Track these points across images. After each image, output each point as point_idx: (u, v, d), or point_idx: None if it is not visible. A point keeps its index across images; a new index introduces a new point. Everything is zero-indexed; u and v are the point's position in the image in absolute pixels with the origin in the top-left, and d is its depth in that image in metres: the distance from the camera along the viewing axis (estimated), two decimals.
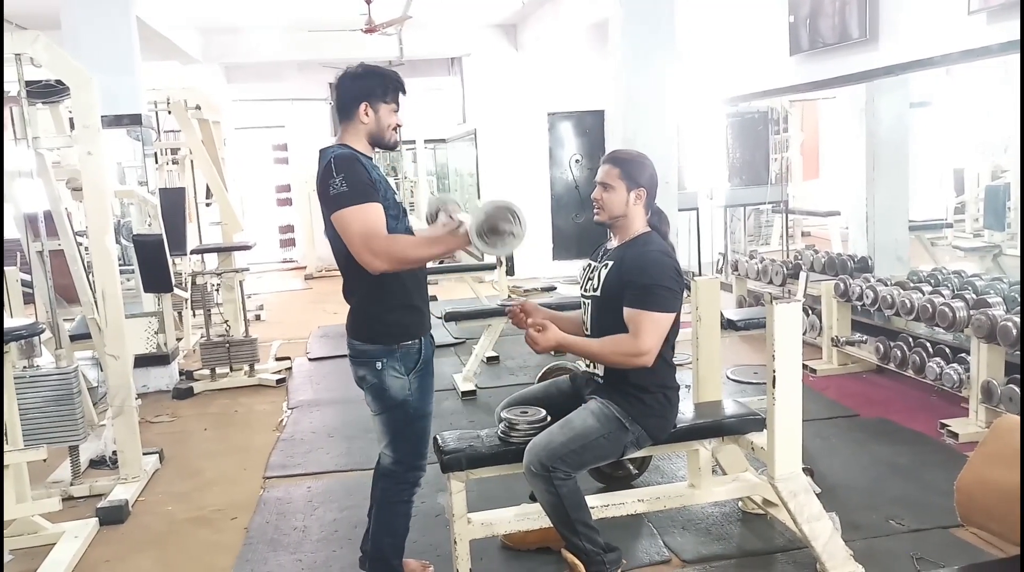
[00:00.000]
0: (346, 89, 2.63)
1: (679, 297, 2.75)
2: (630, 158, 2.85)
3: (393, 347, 2.62)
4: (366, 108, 2.60)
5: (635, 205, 2.80)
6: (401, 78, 2.70)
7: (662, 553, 3.11)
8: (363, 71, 2.64)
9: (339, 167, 2.48)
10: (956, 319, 4.26)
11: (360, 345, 2.67)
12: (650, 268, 2.70)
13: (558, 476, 2.62)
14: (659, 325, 2.68)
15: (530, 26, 9.86)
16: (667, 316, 2.70)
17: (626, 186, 2.77)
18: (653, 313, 2.67)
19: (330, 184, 2.47)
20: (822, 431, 4.27)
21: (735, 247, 8.57)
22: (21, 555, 3.34)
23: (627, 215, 2.80)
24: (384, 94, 2.62)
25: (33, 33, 3.66)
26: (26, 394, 3.53)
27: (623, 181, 2.77)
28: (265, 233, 11.60)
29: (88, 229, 3.98)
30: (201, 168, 7.54)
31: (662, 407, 2.82)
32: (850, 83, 5.45)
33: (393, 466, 2.77)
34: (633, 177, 2.78)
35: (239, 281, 6.18)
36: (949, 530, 3.12)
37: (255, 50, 9.99)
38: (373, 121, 2.61)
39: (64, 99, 4.32)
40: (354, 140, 2.62)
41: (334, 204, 2.48)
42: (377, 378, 2.64)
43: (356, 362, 2.70)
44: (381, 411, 2.71)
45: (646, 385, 2.78)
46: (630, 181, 2.78)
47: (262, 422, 5.05)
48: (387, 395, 2.66)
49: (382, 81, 2.63)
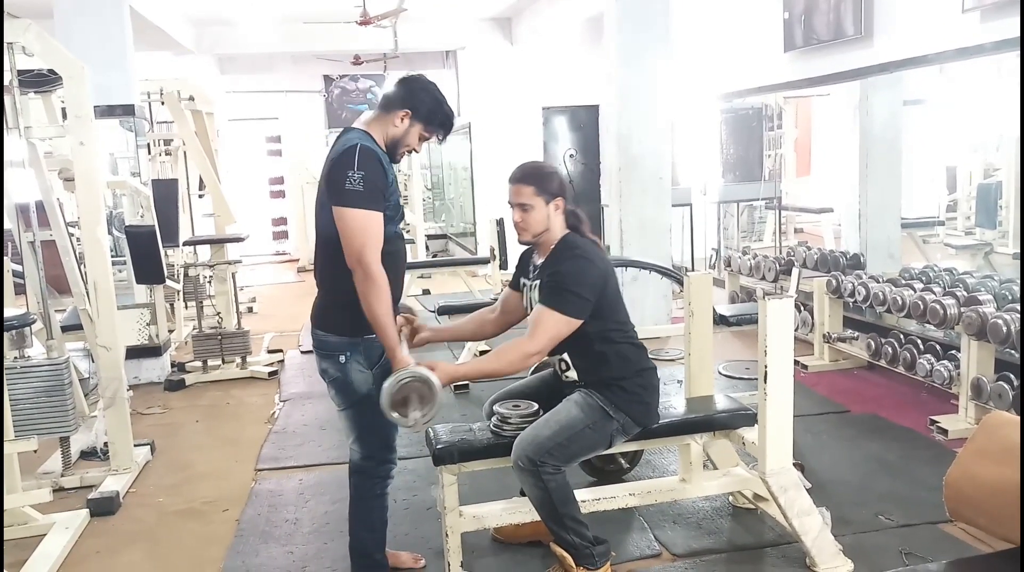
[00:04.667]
0: (408, 90, 2.61)
1: (586, 307, 2.68)
2: (538, 171, 2.83)
3: (357, 340, 2.58)
4: (405, 116, 2.58)
5: (556, 215, 2.79)
6: (453, 121, 2.69)
7: (653, 547, 3.12)
8: (435, 89, 2.63)
9: (362, 162, 2.44)
10: (947, 316, 4.28)
11: (324, 335, 2.63)
12: (568, 272, 2.68)
13: (546, 470, 2.63)
14: (556, 327, 2.65)
15: (525, 20, 9.84)
16: (568, 320, 2.66)
17: (544, 200, 2.76)
18: (555, 313, 2.65)
19: (348, 176, 2.43)
20: (813, 427, 4.29)
21: (728, 243, 8.58)
22: (11, 546, 3.32)
23: (549, 228, 2.79)
24: (428, 119, 2.61)
25: (25, 22, 3.64)
26: (17, 385, 3.52)
27: (539, 197, 2.75)
28: (258, 225, 11.58)
29: (80, 220, 3.96)
30: (194, 159, 7.51)
31: (644, 391, 2.83)
32: (844, 80, 5.46)
33: (363, 461, 2.76)
34: (547, 189, 2.76)
35: (232, 273, 6.17)
36: (938, 525, 3.14)
37: (249, 41, 9.95)
38: (402, 131, 2.60)
39: (56, 89, 4.29)
40: (378, 132, 2.60)
41: (344, 198, 2.45)
42: (340, 372, 2.62)
43: (320, 354, 2.67)
44: (346, 406, 2.69)
45: (623, 373, 2.79)
46: (546, 194, 2.76)
47: (254, 414, 5.05)
48: (351, 389, 2.63)
49: (440, 110, 2.62)
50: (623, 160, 6.31)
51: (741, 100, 7.98)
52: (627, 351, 2.82)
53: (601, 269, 2.75)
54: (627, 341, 2.84)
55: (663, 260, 6.17)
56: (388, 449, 2.76)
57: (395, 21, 8.08)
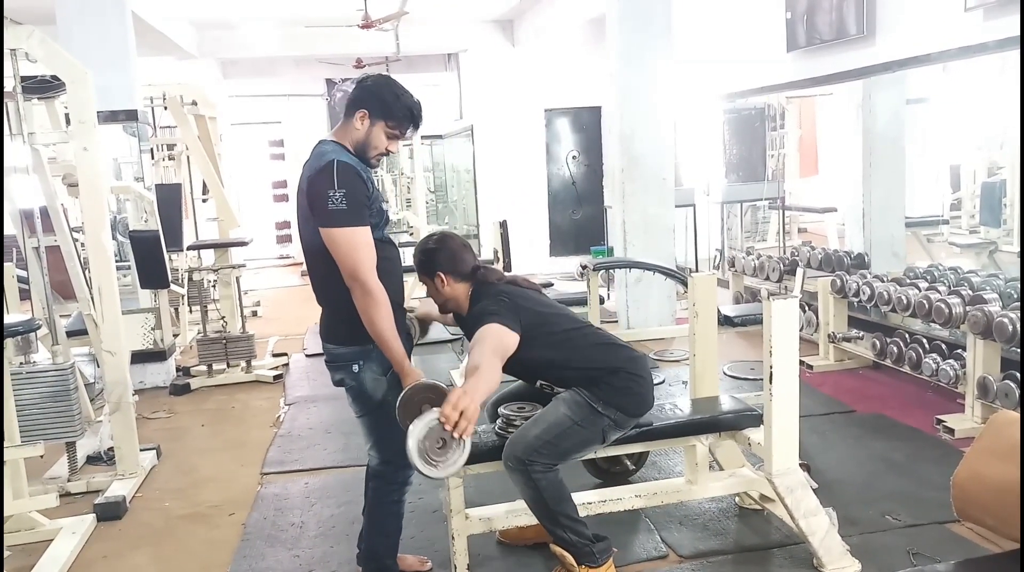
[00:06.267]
0: (365, 91, 2.60)
1: (503, 309, 2.71)
2: (418, 257, 2.88)
3: (369, 347, 2.56)
4: (363, 117, 2.56)
5: (448, 287, 2.83)
6: (418, 111, 2.63)
7: (659, 548, 3.11)
8: (391, 85, 2.61)
9: (341, 179, 2.42)
10: (952, 315, 4.27)
11: (335, 349, 2.64)
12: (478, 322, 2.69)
13: (536, 469, 2.63)
14: (486, 337, 2.62)
15: (527, 22, 9.84)
16: (494, 326, 2.64)
17: (429, 279, 2.85)
18: (484, 327, 2.64)
19: (330, 196, 2.41)
20: (819, 427, 4.28)
21: (732, 243, 8.57)
22: (18, 551, 3.33)
23: (451, 297, 2.86)
24: (387, 114, 2.57)
25: (28, 28, 3.65)
26: (23, 390, 3.53)
27: (426, 277, 2.86)
28: (261, 229, 11.60)
29: (84, 225, 3.97)
30: (197, 164, 7.53)
31: (631, 380, 2.82)
32: (847, 79, 5.46)
33: (380, 467, 2.77)
34: (427, 269, 2.84)
35: (236, 277, 6.17)
36: (945, 525, 3.13)
37: (251, 45, 9.96)
38: (364, 132, 2.57)
39: (60, 94, 4.30)
40: (347, 140, 2.60)
41: (330, 219, 2.43)
42: (355, 381, 2.62)
43: (333, 367, 2.68)
44: (363, 413, 2.70)
45: (601, 368, 2.80)
46: (428, 274, 2.84)
47: (259, 418, 5.05)
48: (367, 396, 2.64)
49: (399, 104, 2.57)
50: (626, 161, 6.31)
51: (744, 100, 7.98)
52: (596, 352, 2.84)
53: (507, 302, 2.75)
54: (596, 342, 2.87)
55: (667, 261, 6.16)
56: (406, 455, 2.75)
57: (397, 24, 8.09)
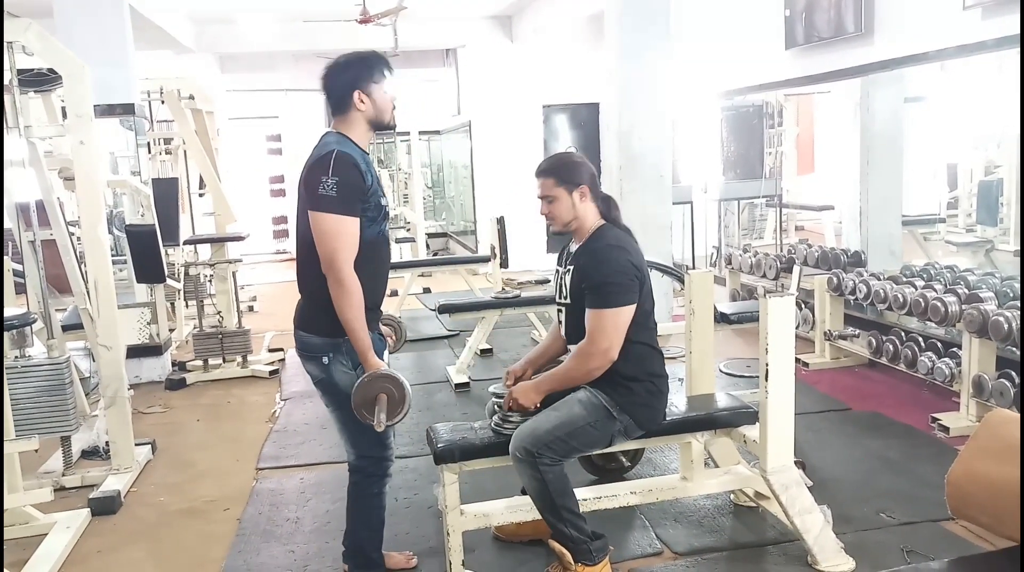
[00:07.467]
0: (336, 82, 2.61)
1: (632, 288, 2.73)
2: (560, 163, 2.88)
3: (339, 340, 2.56)
4: (360, 96, 2.58)
5: (582, 204, 2.81)
6: (384, 56, 2.68)
7: (654, 545, 3.11)
8: (346, 61, 2.63)
9: (337, 168, 2.45)
10: (948, 314, 4.28)
11: (307, 337, 2.64)
12: (601, 266, 2.72)
13: (544, 461, 2.63)
14: (613, 320, 2.68)
15: (526, 18, 9.83)
16: (619, 310, 2.69)
17: (566, 190, 2.80)
18: (603, 311, 2.68)
19: (322, 181, 2.44)
20: (814, 424, 4.29)
21: (729, 241, 8.57)
22: (12, 545, 3.32)
23: (578, 217, 2.82)
24: (372, 76, 2.60)
25: (25, 21, 3.63)
26: (18, 384, 3.52)
27: (561, 187, 2.80)
28: (258, 224, 11.58)
29: (80, 219, 3.96)
30: (194, 158, 7.50)
31: (651, 396, 2.83)
32: (845, 77, 5.46)
33: (358, 461, 2.77)
34: (570, 179, 2.80)
35: (232, 272, 6.17)
36: (939, 523, 3.14)
37: (249, 40, 9.94)
38: (370, 106, 2.60)
39: (56, 88, 4.29)
40: (352, 130, 2.60)
41: (318, 204, 2.46)
42: (324, 373, 2.62)
43: (303, 356, 2.68)
44: (335, 407, 2.69)
45: (634, 374, 2.78)
46: (568, 184, 2.80)
47: (255, 413, 5.05)
48: (336, 389, 2.63)
49: (368, 64, 2.61)
50: (624, 158, 6.29)
51: (742, 98, 7.97)
52: (642, 352, 2.80)
53: (635, 258, 2.76)
54: (644, 342, 2.82)
55: (664, 258, 6.15)
56: (382, 447, 2.75)
57: (395, 19, 8.07)
